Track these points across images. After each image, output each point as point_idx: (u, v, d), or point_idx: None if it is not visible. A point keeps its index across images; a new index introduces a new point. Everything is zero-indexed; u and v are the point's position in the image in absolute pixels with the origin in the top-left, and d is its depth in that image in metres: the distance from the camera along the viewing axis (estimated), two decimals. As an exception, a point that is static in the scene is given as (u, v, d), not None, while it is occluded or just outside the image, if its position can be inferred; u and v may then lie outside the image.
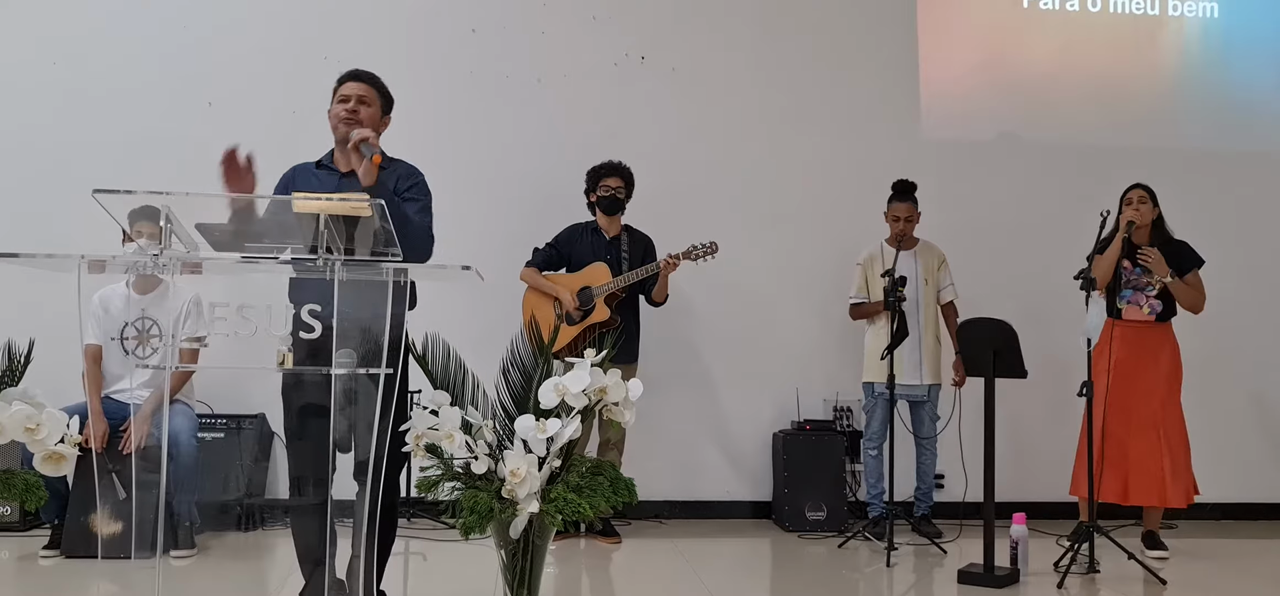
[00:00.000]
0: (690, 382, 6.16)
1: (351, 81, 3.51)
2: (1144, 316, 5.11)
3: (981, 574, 4.40)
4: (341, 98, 3.48)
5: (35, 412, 2.92)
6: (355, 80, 3.52)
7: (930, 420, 5.62)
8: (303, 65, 5.97)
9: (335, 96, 3.52)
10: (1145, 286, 5.12)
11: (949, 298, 5.67)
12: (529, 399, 3.09)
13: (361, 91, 3.48)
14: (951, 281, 5.68)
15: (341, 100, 3.47)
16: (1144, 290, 5.12)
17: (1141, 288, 5.12)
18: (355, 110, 3.44)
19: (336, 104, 3.49)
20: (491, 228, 5.78)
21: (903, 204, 5.56)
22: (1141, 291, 5.12)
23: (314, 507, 3.12)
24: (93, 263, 2.62)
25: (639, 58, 6.28)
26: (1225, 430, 6.33)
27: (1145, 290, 5.11)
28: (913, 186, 5.61)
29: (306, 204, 2.61)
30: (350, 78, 3.53)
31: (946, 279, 5.68)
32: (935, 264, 5.67)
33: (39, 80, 5.89)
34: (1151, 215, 5.11)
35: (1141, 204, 5.08)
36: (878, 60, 6.45)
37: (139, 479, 2.79)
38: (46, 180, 5.69)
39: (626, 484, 3.24)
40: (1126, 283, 5.12)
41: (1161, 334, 5.16)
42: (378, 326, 2.65)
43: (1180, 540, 5.52)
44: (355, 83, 3.51)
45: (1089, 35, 6.63)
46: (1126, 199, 5.13)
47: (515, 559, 3.10)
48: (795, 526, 5.69)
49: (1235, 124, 6.62)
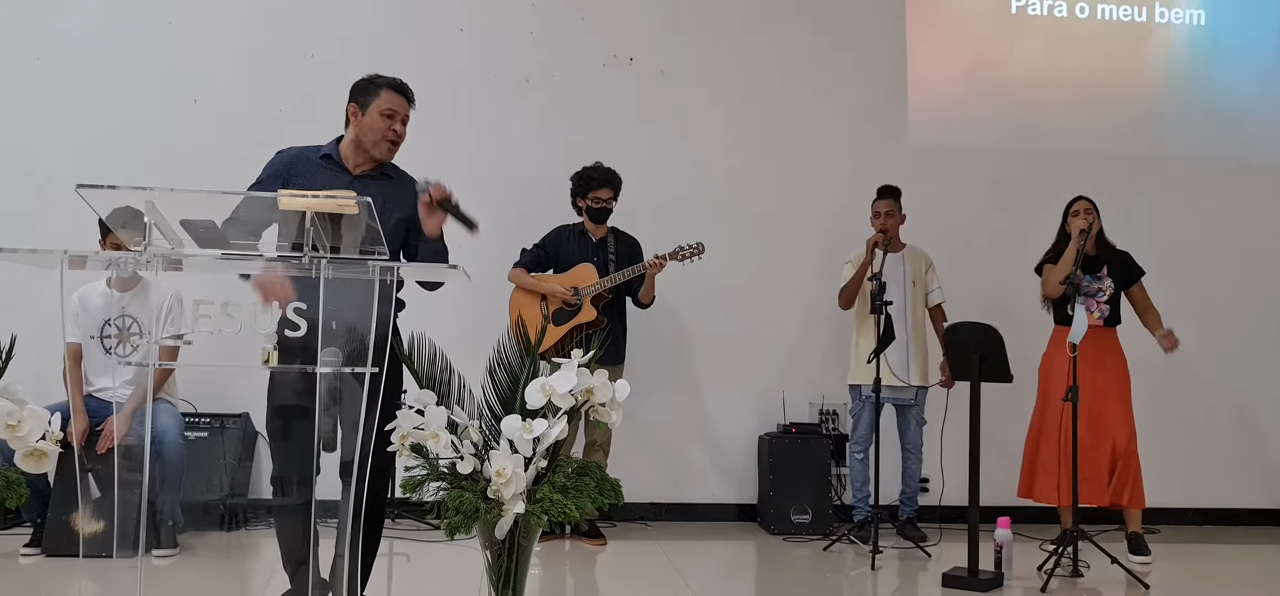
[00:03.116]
0: (676, 385, 6.16)
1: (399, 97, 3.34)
2: (1093, 321, 5.17)
3: (966, 577, 4.41)
4: (388, 113, 3.31)
5: (16, 409, 2.89)
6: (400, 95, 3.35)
7: (917, 424, 5.63)
8: (288, 64, 5.96)
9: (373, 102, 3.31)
10: (1096, 292, 5.19)
11: (937, 300, 5.68)
12: (515, 399, 3.08)
13: (406, 112, 3.35)
14: (940, 284, 5.70)
15: (387, 116, 3.30)
16: (1094, 295, 5.19)
17: (1092, 293, 5.20)
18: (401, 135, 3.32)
19: (378, 117, 3.30)
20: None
21: (883, 201, 5.61)
22: (1092, 297, 5.19)
23: (297, 508, 3.09)
24: (74, 258, 2.60)
25: (628, 59, 6.28)
26: (1208, 436, 6.37)
27: (1095, 295, 5.18)
28: (896, 190, 5.63)
29: (293, 201, 2.59)
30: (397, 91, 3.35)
31: (934, 282, 5.70)
32: (923, 267, 5.69)
33: (21, 76, 5.84)
34: (1097, 225, 5.23)
35: (1088, 214, 5.19)
36: (866, 64, 6.46)
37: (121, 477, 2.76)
38: (28, 177, 5.65)
39: (612, 485, 3.23)
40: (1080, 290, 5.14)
41: (1108, 338, 5.26)
42: (364, 325, 2.63)
43: (1163, 544, 5.54)
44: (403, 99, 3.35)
45: (1076, 41, 6.66)
46: (1073, 209, 5.25)
47: (500, 560, 3.09)
48: (780, 529, 5.70)
49: (1221, 131, 6.66)
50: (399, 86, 3.36)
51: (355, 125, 3.35)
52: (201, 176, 5.44)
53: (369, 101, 3.32)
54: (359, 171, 3.36)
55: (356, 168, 3.37)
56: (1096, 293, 5.22)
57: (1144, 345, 5.33)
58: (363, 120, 3.32)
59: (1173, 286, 5.62)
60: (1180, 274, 6.08)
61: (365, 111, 3.32)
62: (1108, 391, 5.16)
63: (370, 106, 3.31)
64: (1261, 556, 5.60)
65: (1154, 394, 5.74)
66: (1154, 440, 5.63)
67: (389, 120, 3.31)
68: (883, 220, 5.56)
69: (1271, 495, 6.49)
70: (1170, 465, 6.03)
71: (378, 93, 3.32)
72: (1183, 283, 6.03)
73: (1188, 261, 5.34)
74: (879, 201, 5.62)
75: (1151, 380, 5.60)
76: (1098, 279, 5.23)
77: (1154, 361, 5.47)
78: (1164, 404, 6.04)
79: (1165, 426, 6.08)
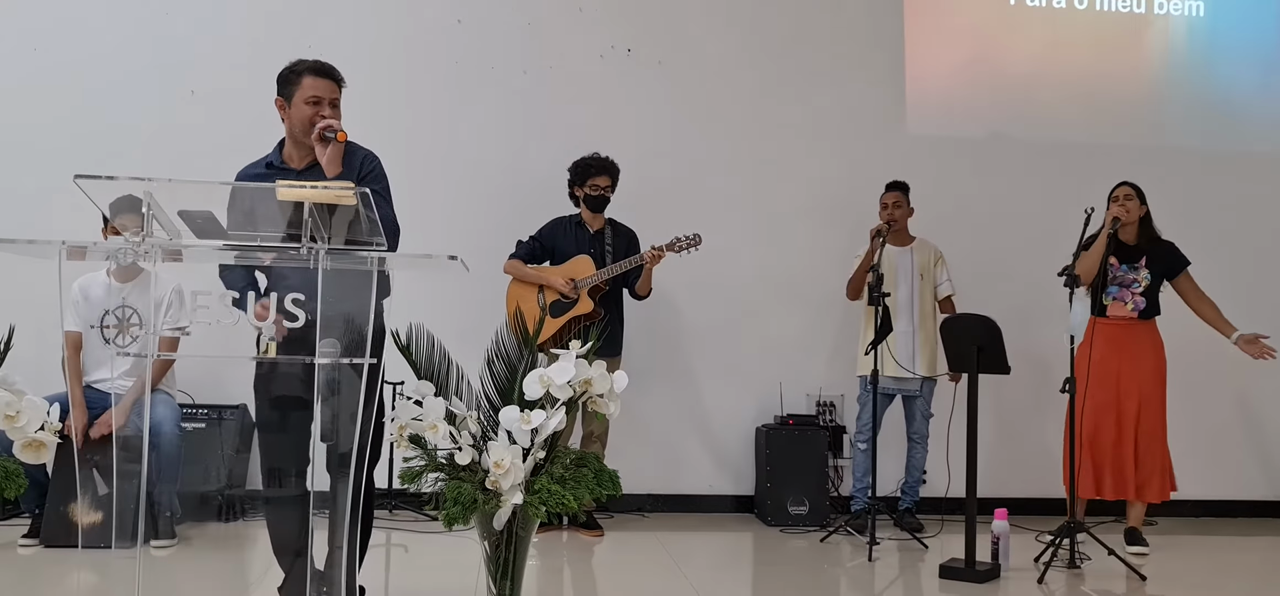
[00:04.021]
0: (674, 376, 6.16)
1: (322, 79, 3.21)
2: (1128, 313, 5.13)
3: (963, 569, 4.42)
4: (313, 99, 3.17)
5: (15, 400, 2.90)
6: (323, 77, 3.22)
7: (922, 415, 5.63)
8: (285, 55, 5.86)
9: (296, 91, 3.19)
10: (1131, 283, 5.14)
11: (946, 292, 5.69)
12: (513, 390, 3.09)
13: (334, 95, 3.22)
14: (949, 277, 5.70)
15: (313, 102, 3.17)
16: (1130, 286, 5.13)
17: (1127, 284, 5.14)
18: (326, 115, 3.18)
19: (304, 105, 3.17)
20: (476, 219, 5.77)
21: (891, 193, 5.64)
22: (1127, 287, 5.14)
23: (290, 500, 3.09)
24: (73, 249, 2.60)
25: (625, 50, 6.27)
26: (1208, 427, 6.37)
27: (1131, 286, 5.13)
28: (905, 184, 5.69)
29: (290, 192, 2.59)
30: (319, 73, 3.21)
31: (944, 274, 5.70)
32: (932, 260, 5.70)
33: (19, 67, 5.83)
34: (1139, 213, 5.13)
35: (1128, 200, 5.09)
36: (864, 56, 6.45)
37: (119, 468, 2.77)
38: (27, 168, 5.64)
39: (610, 476, 3.23)
40: (1112, 279, 5.14)
41: (1145, 331, 5.17)
42: (361, 316, 2.64)
43: (1161, 536, 5.55)
44: (328, 82, 3.22)
45: (1075, 33, 6.65)
46: (1114, 195, 5.15)
47: (498, 550, 3.10)
48: (777, 520, 5.70)
49: (1220, 123, 6.66)
50: (320, 68, 3.23)
51: (285, 119, 3.25)
52: (199, 167, 5.42)
53: (292, 92, 3.21)
54: (303, 166, 3.26)
55: (301, 163, 3.26)
56: (1131, 283, 5.15)
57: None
58: (290, 112, 3.22)
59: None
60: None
61: (291, 103, 3.21)
62: (1139, 384, 5.09)
63: (294, 97, 3.20)
64: (1260, 548, 5.61)
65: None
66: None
67: (314, 107, 3.17)
68: (890, 211, 5.56)
69: (1270, 487, 6.51)
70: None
71: (299, 81, 3.20)
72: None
73: (1186, 252, 5.32)
74: (887, 194, 5.65)
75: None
76: (1134, 269, 5.13)
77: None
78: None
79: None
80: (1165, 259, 5.17)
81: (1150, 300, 5.17)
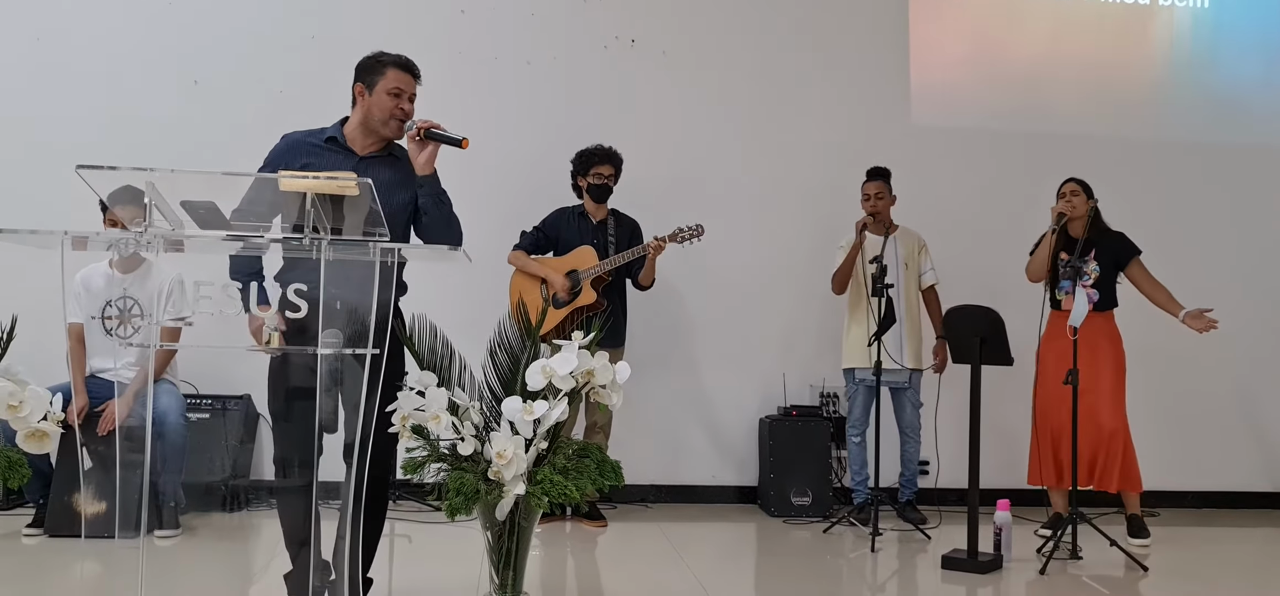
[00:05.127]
0: (677, 367, 6.17)
1: (406, 74, 3.32)
2: None
3: (965, 559, 4.42)
4: (395, 91, 3.28)
5: (18, 390, 2.90)
6: (409, 74, 3.33)
7: (913, 407, 5.63)
8: (289, 44, 5.95)
9: (380, 81, 3.29)
10: (1082, 276, 5.13)
11: (930, 281, 5.67)
12: (516, 381, 3.09)
13: (413, 90, 3.34)
14: (932, 266, 5.68)
15: (394, 94, 3.28)
16: (1081, 279, 5.12)
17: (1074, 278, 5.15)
18: (409, 113, 3.30)
19: (386, 96, 3.27)
20: (479, 210, 5.70)
21: (872, 183, 5.60)
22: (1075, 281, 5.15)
23: (299, 489, 3.10)
24: (76, 239, 2.60)
25: (629, 41, 6.26)
26: (1209, 419, 6.38)
27: (1082, 279, 5.11)
28: (886, 171, 5.63)
29: (294, 182, 2.59)
30: (403, 68, 3.33)
31: (927, 263, 5.68)
32: (915, 249, 5.68)
33: (20, 55, 5.83)
34: (1084, 207, 5.12)
35: (1074, 195, 5.12)
36: (868, 46, 6.44)
37: (123, 459, 2.77)
38: (28, 157, 5.64)
39: (613, 466, 3.24)
40: (1063, 274, 5.11)
41: (1100, 322, 5.14)
42: (365, 306, 2.63)
43: (1162, 527, 5.55)
44: (409, 77, 3.33)
45: (1080, 24, 6.63)
46: (1060, 192, 5.18)
47: (501, 541, 3.10)
48: (780, 511, 5.71)
49: (1224, 115, 6.65)
50: (405, 64, 3.34)
51: (362, 105, 3.33)
52: (202, 157, 5.45)
53: (375, 81, 3.30)
54: (366, 153, 3.34)
55: (364, 149, 3.34)
56: (1081, 277, 5.15)
57: (1141, 329, 5.29)
58: (370, 100, 3.30)
59: (1173, 269, 5.58)
60: (1181, 257, 6.05)
61: (372, 91, 3.30)
62: (1096, 377, 5.06)
63: (377, 86, 3.29)
64: (1260, 539, 5.62)
65: (1153, 377, 5.75)
66: (1153, 423, 5.65)
67: (396, 98, 3.29)
68: (872, 202, 5.54)
69: (1270, 478, 6.50)
70: (1170, 448, 6.05)
71: (384, 72, 3.30)
72: (1183, 266, 5.99)
73: (1189, 245, 5.32)
74: (868, 183, 5.61)
75: (1151, 364, 5.61)
76: (1083, 262, 5.10)
77: (1152, 345, 5.49)
78: (1163, 387, 6.06)
79: (1165, 409, 6.11)
80: (1114, 250, 5.18)
81: (1104, 292, 5.17)
